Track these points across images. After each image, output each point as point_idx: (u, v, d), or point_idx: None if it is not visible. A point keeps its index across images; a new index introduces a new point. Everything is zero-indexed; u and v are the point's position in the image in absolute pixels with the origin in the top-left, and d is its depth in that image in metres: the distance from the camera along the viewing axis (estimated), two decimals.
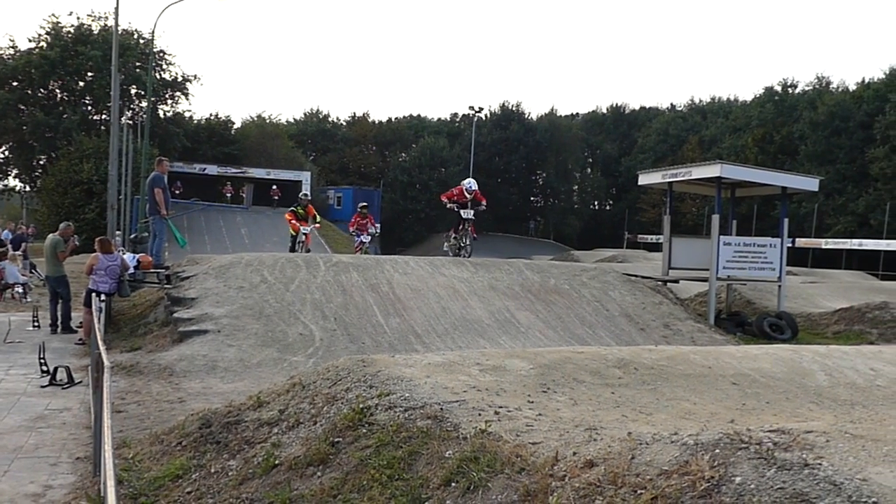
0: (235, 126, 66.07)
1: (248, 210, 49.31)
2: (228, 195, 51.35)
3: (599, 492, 3.21)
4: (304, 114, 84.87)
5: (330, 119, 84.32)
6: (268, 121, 68.48)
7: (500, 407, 4.73)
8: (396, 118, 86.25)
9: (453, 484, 3.79)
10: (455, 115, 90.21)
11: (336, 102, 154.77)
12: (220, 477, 4.93)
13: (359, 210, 21.16)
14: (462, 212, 17.40)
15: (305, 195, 19.54)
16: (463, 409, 4.66)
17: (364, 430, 4.69)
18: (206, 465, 5.14)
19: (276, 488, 4.51)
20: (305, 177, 53.46)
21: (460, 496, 3.68)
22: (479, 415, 4.52)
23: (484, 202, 18.17)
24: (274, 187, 51.07)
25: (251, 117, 69.78)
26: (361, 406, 4.94)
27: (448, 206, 17.68)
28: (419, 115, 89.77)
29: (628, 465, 3.31)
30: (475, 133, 62.89)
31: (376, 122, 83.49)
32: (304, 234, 18.41)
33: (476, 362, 5.91)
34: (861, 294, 24.22)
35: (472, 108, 61.89)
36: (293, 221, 18.58)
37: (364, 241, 20.61)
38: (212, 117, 63.78)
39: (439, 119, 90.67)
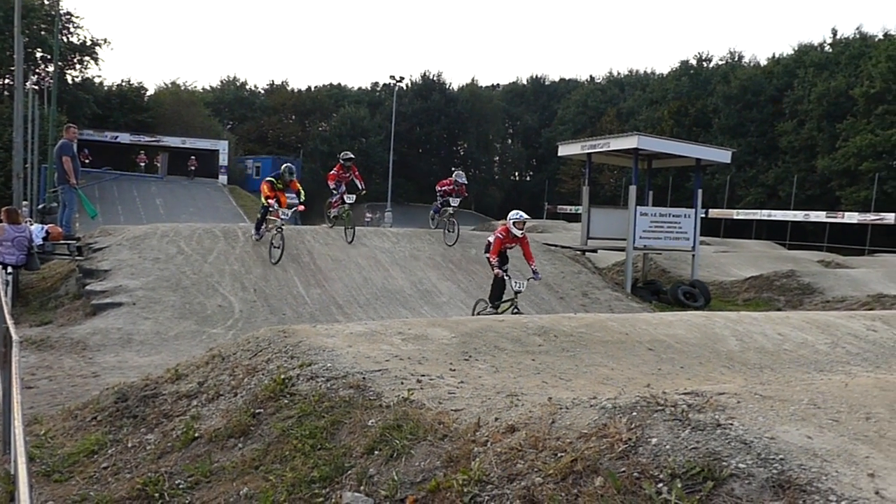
0: (149, 93, 63.96)
1: (163, 180, 48.00)
2: (142, 164, 49.80)
3: (521, 456, 3.26)
4: (221, 81, 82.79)
5: (247, 87, 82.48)
6: (183, 88, 66.50)
7: (423, 375, 4.75)
8: (316, 87, 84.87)
9: (376, 452, 3.80)
10: (376, 84, 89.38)
11: (254, 70, 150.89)
12: (137, 451, 4.83)
13: (342, 161, 17.77)
14: (451, 199, 17.55)
15: (289, 167, 15.42)
16: (385, 378, 4.66)
17: (286, 401, 4.65)
18: (122, 440, 5.03)
19: (195, 461, 4.44)
20: (223, 146, 52.27)
21: (384, 464, 3.69)
22: (402, 383, 4.54)
23: (466, 195, 18.60)
24: (192, 157, 49.84)
25: (165, 84, 67.59)
26: (283, 377, 4.90)
27: (439, 192, 18.07)
28: (339, 84, 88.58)
29: (549, 429, 3.38)
30: (396, 103, 62.36)
31: (295, 90, 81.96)
32: (281, 217, 14.38)
33: (398, 332, 5.92)
34: (770, 263, 25.16)
35: (392, 77, 61.27)
36: (267, 193, 14.79)
37: (347, 200, 16.73)
38: (124, 84, 61.57)
39: (360, 88, 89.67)
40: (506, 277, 11.81)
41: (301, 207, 15.76)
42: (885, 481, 2.78)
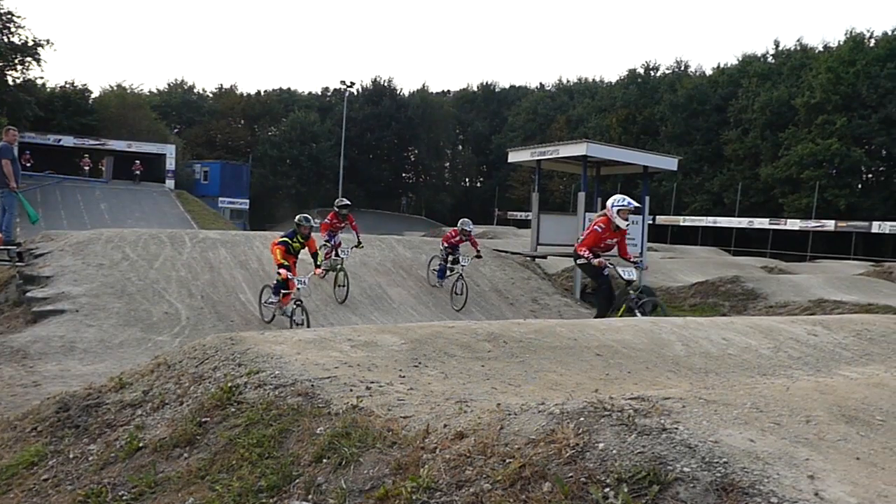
0: (94, 95, 62.79)
1: (108, 184, 47.10)
2: (86, 168, 48.82)
3: (469, 462, 3.26)
4: (168, 84, 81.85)
5: (196, 90, 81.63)
6: (129, 91, 65.44)
7: (372, 382, 4.73)
8: (266, 91, 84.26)
9: (325, 460, 3.77)
10: (326, 89, 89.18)
11: (202, 73, 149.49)
12: (79, 462, 4.72)
13: (336, 209, 15.50)
14: (461, 257, 15.30)
15: (304, 216, 12.35)
16: (334, 385, 4.63)
17: (233, 410, 4.59)
18: (63, 451, 4.91)
19: (140, 471, 4.36)
20: (170, 150, 51.48)
21: (332, 472, 3.67)
22: (351, 390, 4.52)
23: (477, 249, 15.88)
24: (137, 161, 48.99)
25: (111, 87, 66.56)
26: (230, 385, 4.84)
27: (445, 246, 15.69)
28: (289, 89, 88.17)
29: (497, 435, 3.39)
30: (347, 108, 62.24)
31: (245, 94, 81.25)
32: (297, 286, 11.68)
33: (347, 338, 5.88)
34: (715, 269, 25.63)
35: (343, 82, 61.14)
36: (280, 259, 11.67)
37: (341, 255, 14.35)
38: (67, 86, 60.34)
39: (310, 93, 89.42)
40: (610, 268, 9.66)
41: (318, 271, 12.40)
42: (824, 482, 2.85)
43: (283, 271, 11.53)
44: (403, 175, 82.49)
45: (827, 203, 49.75)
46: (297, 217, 12.42)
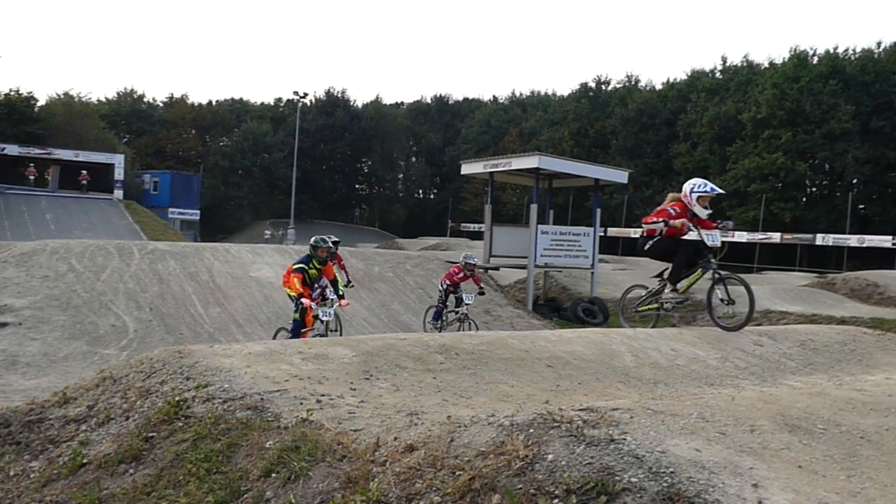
0: (39, 103, 61.41)
1: (54, 194, 46.13)
2: (32, 178, 47.74)
3: (419, 475, 3.26)
4: (118, 93, 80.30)
5: (145, 100, 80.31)
6: (76, 99, 64.22)
7: (323, 395, 4.70)
8: (217, 101, 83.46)
9: (274, 474, 3.73)
10: (279, 99, 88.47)
11: (152, 82, 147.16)
12: (20, 480, 4.60)
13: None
14: (464, 295, 14.12)
15: (321, 238, 10.78)
16: (284, 398, 4.59)
17: (180, 424, 4.52)
18: (4, 468, 4.79)
19: (83, 488, 4.26)
20: (118, 160, 50.55)
21: (281, 486, 3.63)
22: (301, 404, 4.48)
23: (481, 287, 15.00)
24: (84, 172, 48.06)
25: (58, 95, 65.16)
26: (177, 399, 4.76)
27: (446, 285, 14.44)
28: (241, 99, 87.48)
29: (447, 447, 3.39)
30: (300, 119, 61.87)
31: (196, 104, 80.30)
32: (321, 319, 10.31)
33: (298, 351, 5.84)
34: None
35: (296, 93, 60.69)
36: (299, 289, 10.21)
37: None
38: (12, 93, 58.95)
39: (262, 103, 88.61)
40: (694, 231, 8.31)
41: (344, 303, 10.74)
42: (767, 491, 2.91)
43: (305, 301, 10.08)
44: (357, 186, 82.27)
45: (773, 216, 50.78)
46: (313, 239, 10.72)
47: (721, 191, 8.62)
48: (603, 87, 71.87)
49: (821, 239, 47.97)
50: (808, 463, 3.31)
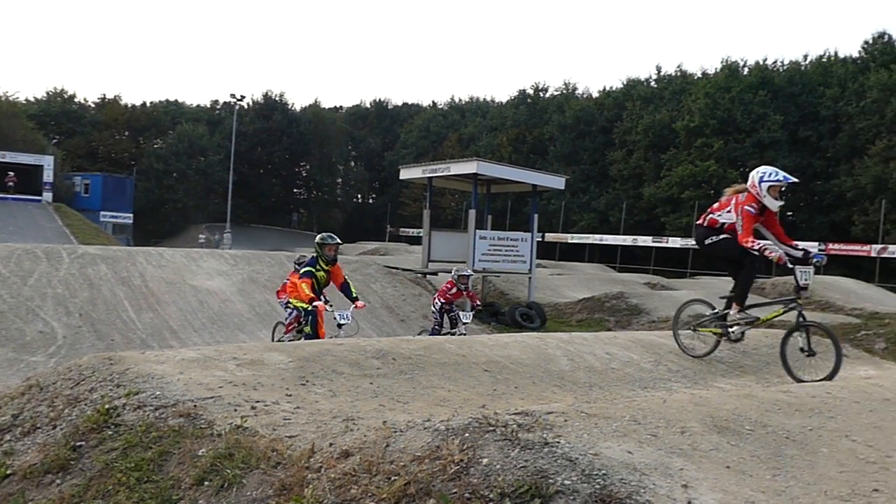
0: None
1: None
2: None
3: (355, 481, 3.25)
4: (47, 93, 77.89)
5: (76, 100, 78.20)
6: (2, 98, 62.24)
7: (258, 401, 4.65)
8: (152, 102, 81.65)
9: (206, 483, 3.67)
10: (216, 102, 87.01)
11: (83, 82, 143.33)
12: None
13: (296, 268, 11.47)
14: (461, 313, 13.44)
15: (332, 237, 9.86)
16: (218, 405, 4.52)
17: (110, 433, 4.42)
18: None
19: (7, 500, 4.14)
20: (47, 161, 49.11)
21: (213, 495, 3.58)
22: (235, 410, 4.42)
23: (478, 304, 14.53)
24: (10, 173, 46.61)
25: None
26: (107, 406, 4.65)
27: (440, 304, 13.61)
28: (177, 101, 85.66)
29: (383, 452, 3.38)
30: (237, 122, 60.98)
31: (129, 105, 78.49)
32: (339, 322, 9.60)
33: (233, 357, 5.76)
34: (601, 285, 26.35)
35: (233, 95, 59.57)
36: (308, 293, 9.32)
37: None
38: None
39: (199, 105, 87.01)
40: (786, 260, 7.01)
41: (360, 304, 9.89)
42: (696, 491, 2.97)
43: (319, 304, 9.27)
44: (295, 190, 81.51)
45: None
46: (320, 236, 9.85)
47: (795, 179, 7.50)
48: (541, 94, 72.62)
49: None
50: (735, 463, 3.40)
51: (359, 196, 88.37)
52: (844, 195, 49.05)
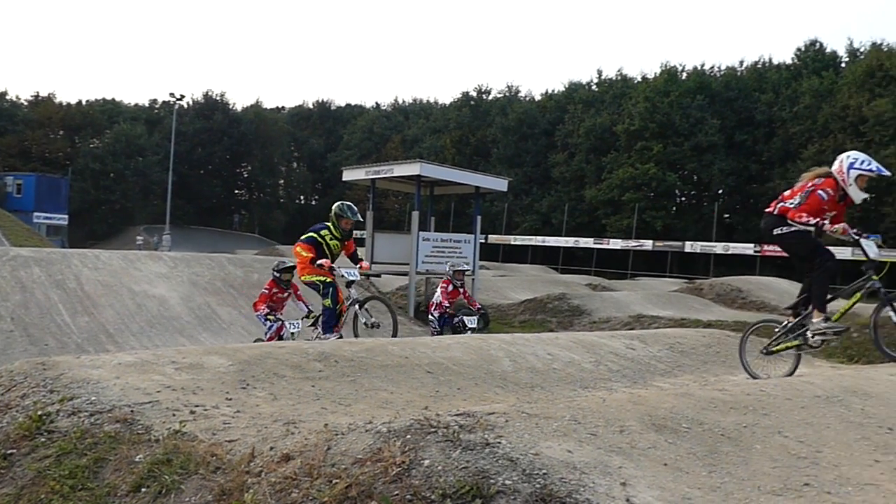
0: None
1: None
2: None
3: (296, 485, 3.22)
4: None
5: (8, 98, 76.04)
6: None
7: (197, 406, 4.58)
8: (88, 101, 79.90)
9: (143, 489, 3.60)
10: (154, 101, 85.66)
11: (15, 80, 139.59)
12: None
13: (275, 275, 11.17)
14: (465, 319, 12.43)
15: (352, 210, 9.15)
16: (156, 410, 4.44)
17: (43, 440, 4.30)
18: None
19: None
20: None
21: (151, 501, 3.51)
22: (174, 415, 4.35)
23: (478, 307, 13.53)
24: None
25: None
26: (40, 413, 4.53)
27: (441, 307, 12.85)
28: (114, 100, 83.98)
29: (324, 455, 3.36)
30: (176, 121, 60.00)
31: (64, 103, 76.63)
32: (349, 278, 9.01)
33: (171, 360, 5.66)
34: (544, 286, 26.58)
35: (172, 94, 58.64)
36: (302, 255, 8.87)
37: (291, 328, 10.54)
38: None
39: (137, 104, 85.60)
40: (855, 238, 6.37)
41: (365, 265, 9.64)
42: (634, 489, 3.02)
43: (324, 261, 8.62)
44: (236, 192, 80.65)
45: (645, 224, 52.89)
46: (338, 206, 9.12)
47: (888, 173, 6.69)
48: (484, 96, 73.11)
49: (689, 246, 50.37)
50: (672, 460, 3.46)
51: (301, 197, 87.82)
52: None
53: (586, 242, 54.35)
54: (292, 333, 9.95)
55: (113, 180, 68.00)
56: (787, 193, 6.80)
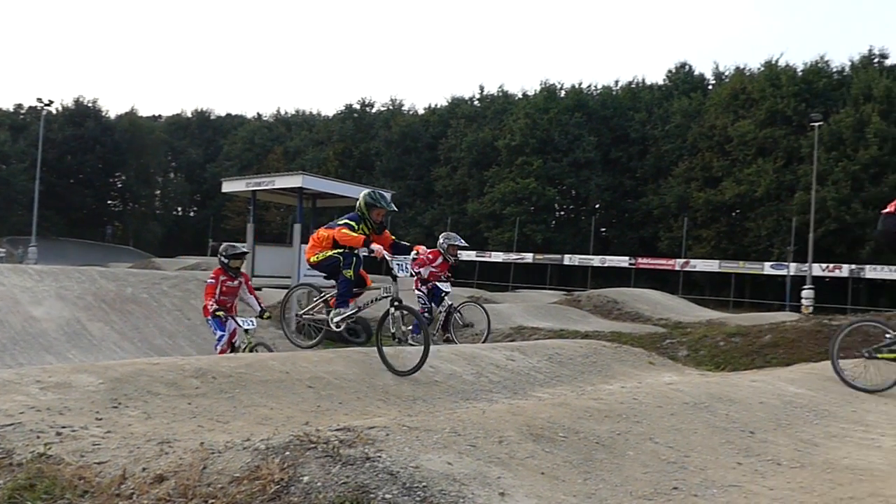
0: None
1: None
2: None
3: None
4: None
5: None
6: None
7: (64, 427, 4.37)
8: None
9: None
10: (20, 106, 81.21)
11: None
12: None
13: (222, 261, 10.33)
14: (440, 284, 11.73)
15: (385, 199, 7.78)
16: (18, 432, 4.21)
17: None
18: None
19: None
20: None
21: None
22: (38, 437, 4.13)
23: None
24: None
25: None
26: None
27: (426, 274, 11.73)
28: None
29: (200, 475, 3.27)
30: (44, 128, 57.17)
31: None
32: (397, 271, 7.45)
33: (36, 380, 5.38)
34: None
35: (40, 100, 55.73)
36: (350, 234, 7.34)
37: (246, 326, 10.24)
38: None
39: (0, 109, 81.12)
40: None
41: (420, 248, 8.34)
42: (513, 498, 3.08)
43: (376, 247, 7.27)
44: (109, 202, 77.47)
45: (526, 237, 54.05)
46: (369, 194, 7.74)
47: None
48: (367, 109, 73.04)
49: (568, 259, 51.79)
50: (549, 469, 3.55)
51: (179, 209, 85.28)
52: (652, 213, 52.51)
53: (469, 255, 55.03)
54: (246, 331, 9.12)
55: None
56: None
